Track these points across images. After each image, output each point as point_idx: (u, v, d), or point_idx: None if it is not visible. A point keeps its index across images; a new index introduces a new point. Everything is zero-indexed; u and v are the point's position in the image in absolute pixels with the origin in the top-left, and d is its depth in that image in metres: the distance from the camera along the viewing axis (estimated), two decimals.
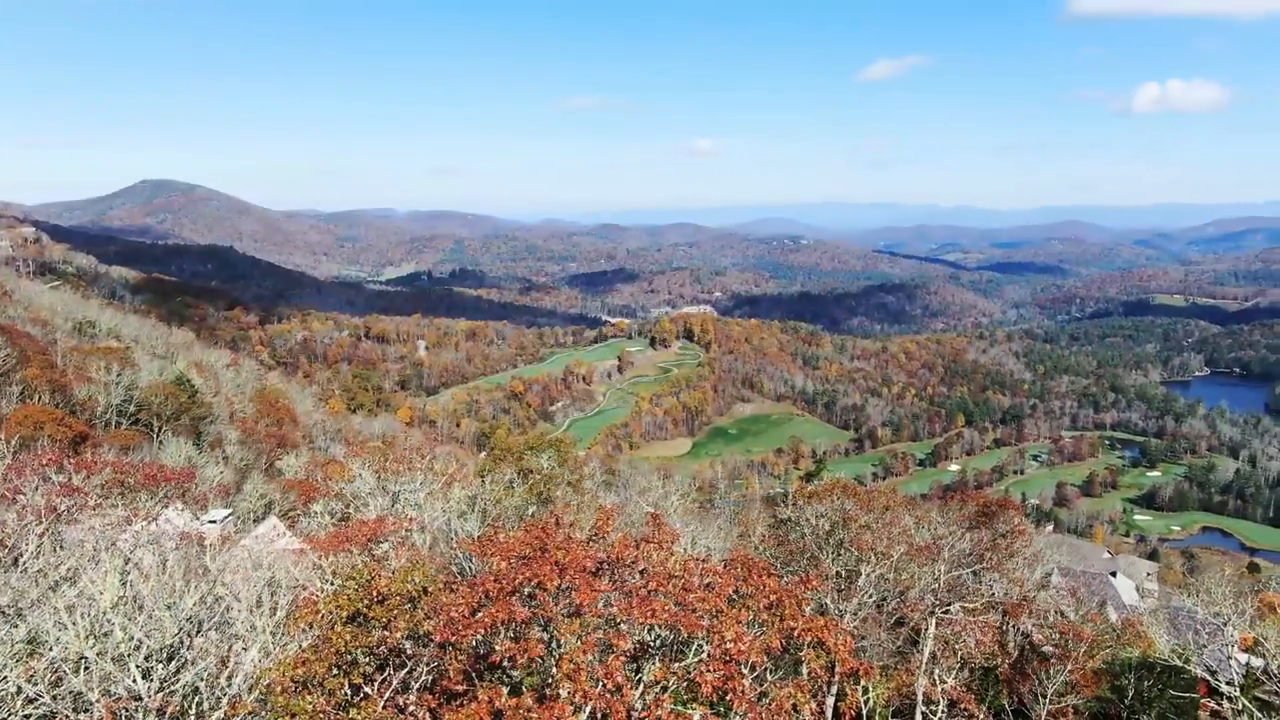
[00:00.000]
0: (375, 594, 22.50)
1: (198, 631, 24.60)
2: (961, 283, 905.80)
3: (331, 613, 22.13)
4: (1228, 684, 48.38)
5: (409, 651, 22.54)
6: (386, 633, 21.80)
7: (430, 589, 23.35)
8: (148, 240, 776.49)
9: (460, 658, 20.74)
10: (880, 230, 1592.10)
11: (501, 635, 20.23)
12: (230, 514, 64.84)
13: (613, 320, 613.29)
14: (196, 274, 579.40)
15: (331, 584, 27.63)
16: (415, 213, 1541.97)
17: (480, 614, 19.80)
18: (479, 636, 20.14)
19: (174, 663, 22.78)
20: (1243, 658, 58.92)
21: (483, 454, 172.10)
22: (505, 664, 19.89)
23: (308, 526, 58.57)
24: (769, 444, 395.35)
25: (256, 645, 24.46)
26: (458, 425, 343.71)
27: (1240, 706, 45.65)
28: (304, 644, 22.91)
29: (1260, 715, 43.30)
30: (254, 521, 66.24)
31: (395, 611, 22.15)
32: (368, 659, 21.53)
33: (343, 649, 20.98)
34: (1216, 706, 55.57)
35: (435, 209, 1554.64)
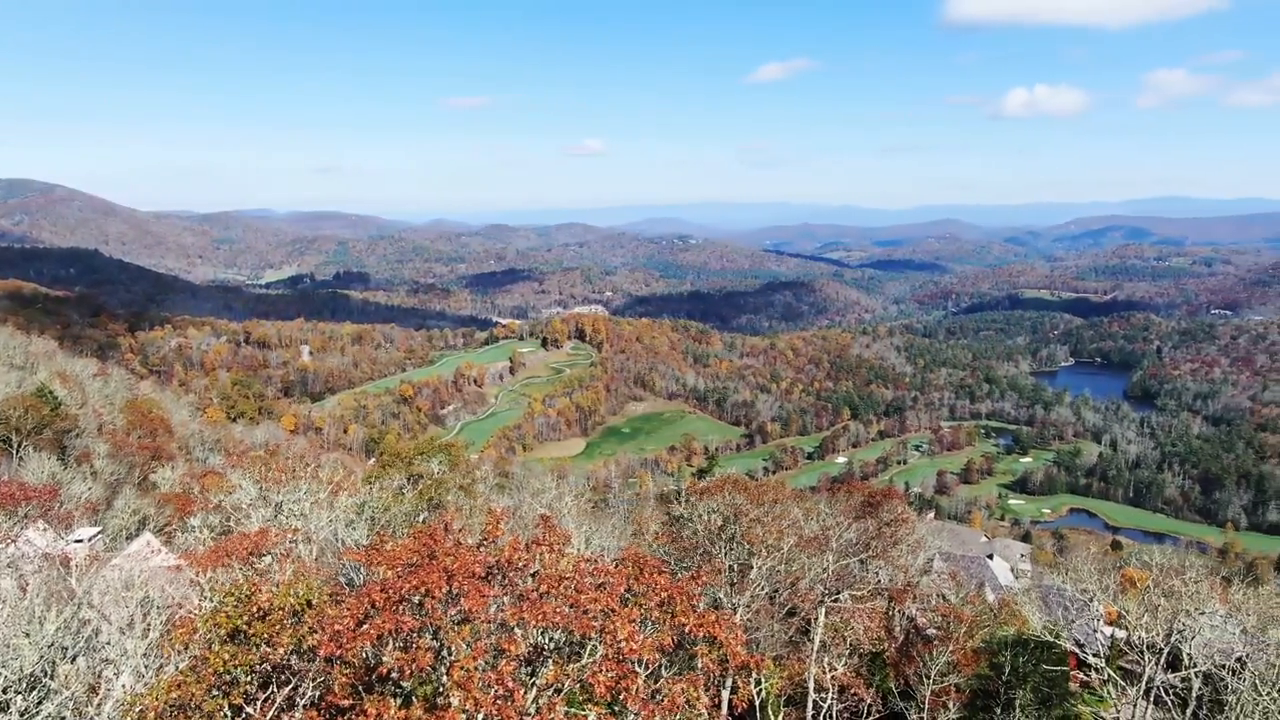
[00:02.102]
0: (257, 609, 21.65)
1: (64, 658, 23.23)
2: (845, 280, 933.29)
3: (210, 631, 21.22)
4: (1094, 656, 51.28)
5: (294, 667, 21.77)
6: (269, 649, 21.01)
7: (315, 602, 22.62)
8: (2, 243, 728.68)
9: (347, 671, 20.15)
10: (767, 229, 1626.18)
11: (390, 646, 19.76)
12: (99, 532, 61.38)
13: (504, 321, 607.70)
14: (58, 279, 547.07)
15: (210, 601, 26.49)
16: (296, 213, 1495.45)
17: (366, 625, 19.31)
18: (366, 648, 19.64)
19: (35, 693, 21.45)
20: (1107, 630, 62.58)
21: (371, 460, 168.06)
22: (394, 675, 19.44)
23: (185, 542, 56.01)
24: (662, 442, 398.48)
25: (129, 669, 23.28)
26: (345, 431, 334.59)
27: (1106, 676, 48.44)
28: (180, 665, 21.91)
29: (1123, 683, 46.01)
30: (126, 539, 62.93)
31: (278, 627, 21.37)
32: (249, 678, 20.71)
33: (222, 669, 20.13)
34: (1085, 677, 58.83)
35: (317, 209, 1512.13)
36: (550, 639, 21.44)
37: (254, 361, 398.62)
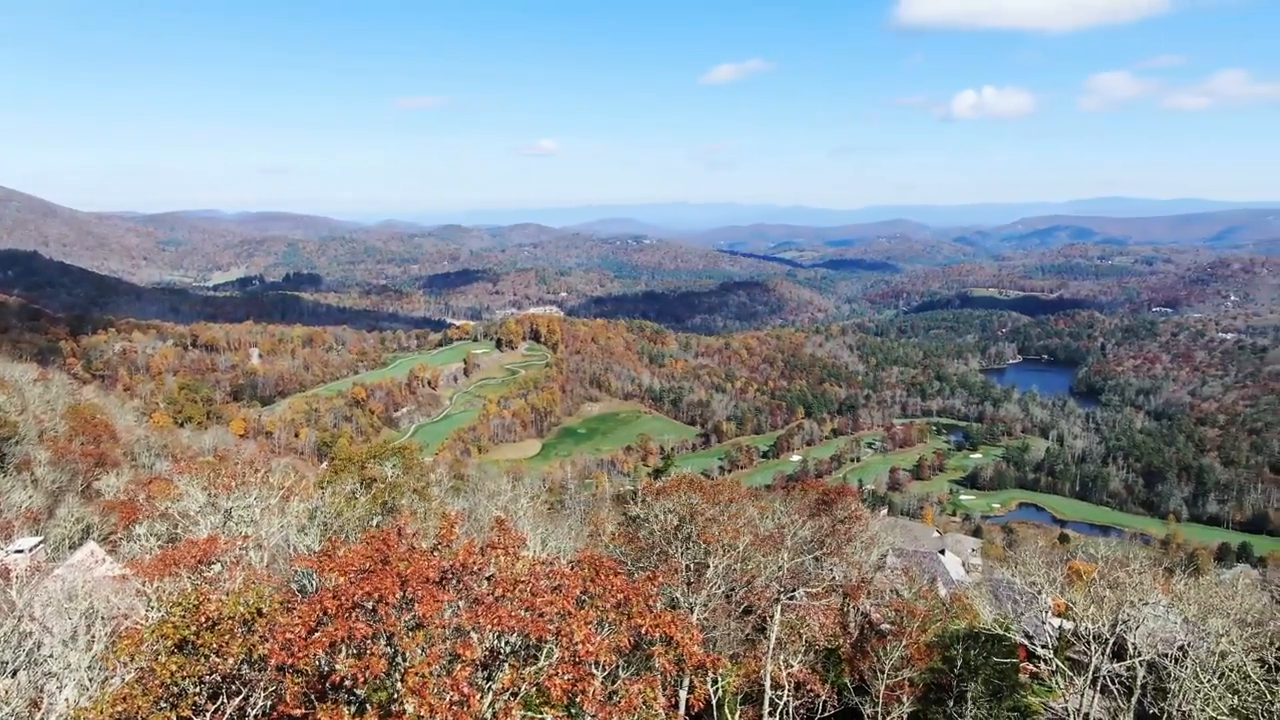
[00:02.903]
0: (205, 619, 21.22)
1: (3, 673, 22.59)
2: (798, 280, 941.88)
3: (156, 642, 20.75)
4: (1043, 647, 52.26)
5: (244, 677, 21.39)
6: (219, 659, 20.62)
7: (266, 610, 22.24)
8: None
9: (299, 680, 19.83)
10: (721, 230, 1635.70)
11: (343, 653, 19.49)
12: (41, 542, 59.74)
13: (458, 323, 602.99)
14: None
15: (157, 611, 25.93)
16: (244, 214, 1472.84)
17: (319, 633, 19.02)
18: (319, 656, 19.34)
19: None
20: (1055, 622, 63.85)
21: (323, 464, 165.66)
22: (348, 683, 19.18)
23: (130, 550, 54.70)
24: (618, 442, 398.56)
25: (72, 683, 22.70)
26: (296, 435, 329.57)
27: (1054, 667, 49.39)
28: (126, 678, 21.41)
29: (1070, 673, 46.99)
30: (69, 549, 61.35)
31: (228, 636, 20.98)
32: (198, 689, 20.31)
33: (169, 680, 19.71)
34: (1034, 668, 60.01)
35: (267, 210, 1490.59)
36: (506, 643, 21.32)
37: (202, 365, 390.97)
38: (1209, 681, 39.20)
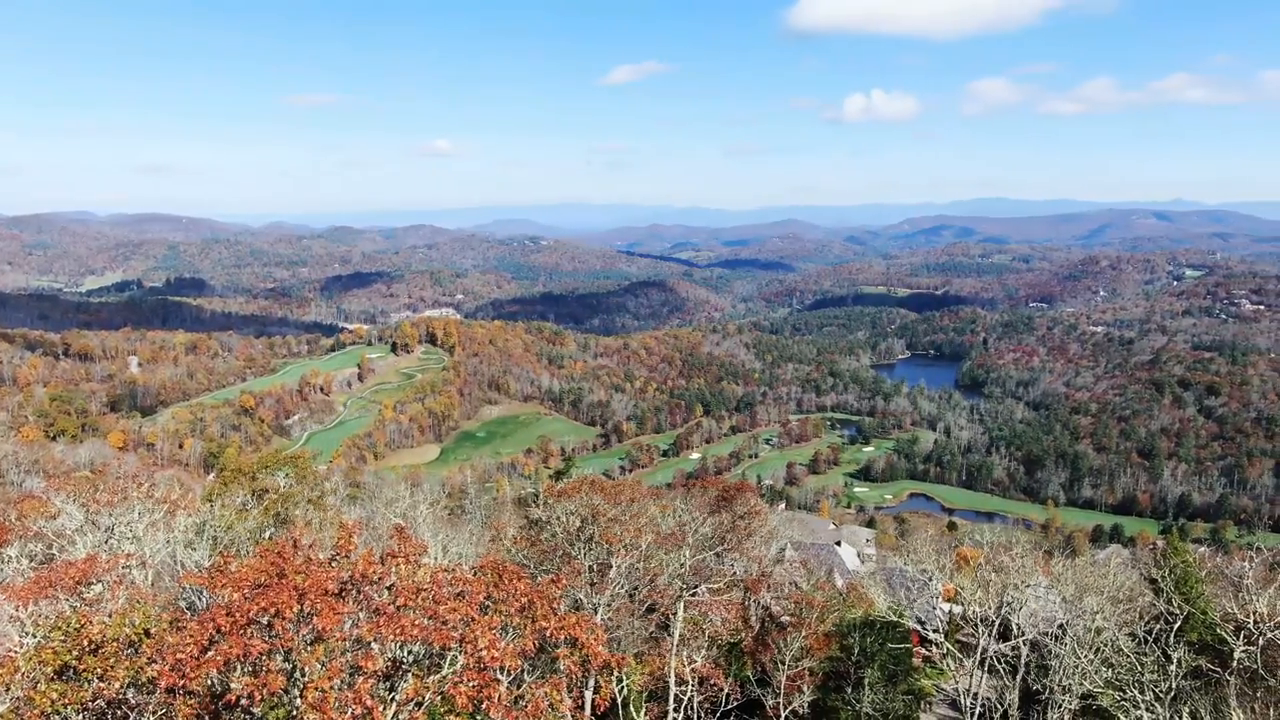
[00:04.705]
0: (87, 642, 20.29)
1: None
2: (695, 279, 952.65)
3: (35, 669, 19.73)
4: (934, 632, 54.30)
5: (131, 702, 20.53)
6: (103, 684, 19.74)
7: (154, 630, 21.40)
8: None
9: (192, 701, 19.15)
10: (618, 230, 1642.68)
11: (238, 672, 18.91)
12: None
13: (350, 327, 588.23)
14: None
15: (33, 636, 24.59)
16: (119, 215, 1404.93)
17: (212, 651, 18.40)
18: (212, 676, 18.72)
19: None
20: (945, 607, 66.40)
21: (211, 476, 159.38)
22: (244, 701, 18.60)
23: (1, 574, 51.62)
24: (518, 445, 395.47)
25: None
26: (181, 447, 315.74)
27: (945, 650, 51.39)
28: (1, 709, 20.27)
29: (960, 655, 48.98)
30: None
31: (112, 660, 20.09)
32: (81, 716, 19.40)
33: (50, 709, 18.79)
34: (927, 652, 62.23)
35: (144, 211, 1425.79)
36: (409, 652, 21.04)
37: (75, 375, 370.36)
38: (1085, 656, 41.46)
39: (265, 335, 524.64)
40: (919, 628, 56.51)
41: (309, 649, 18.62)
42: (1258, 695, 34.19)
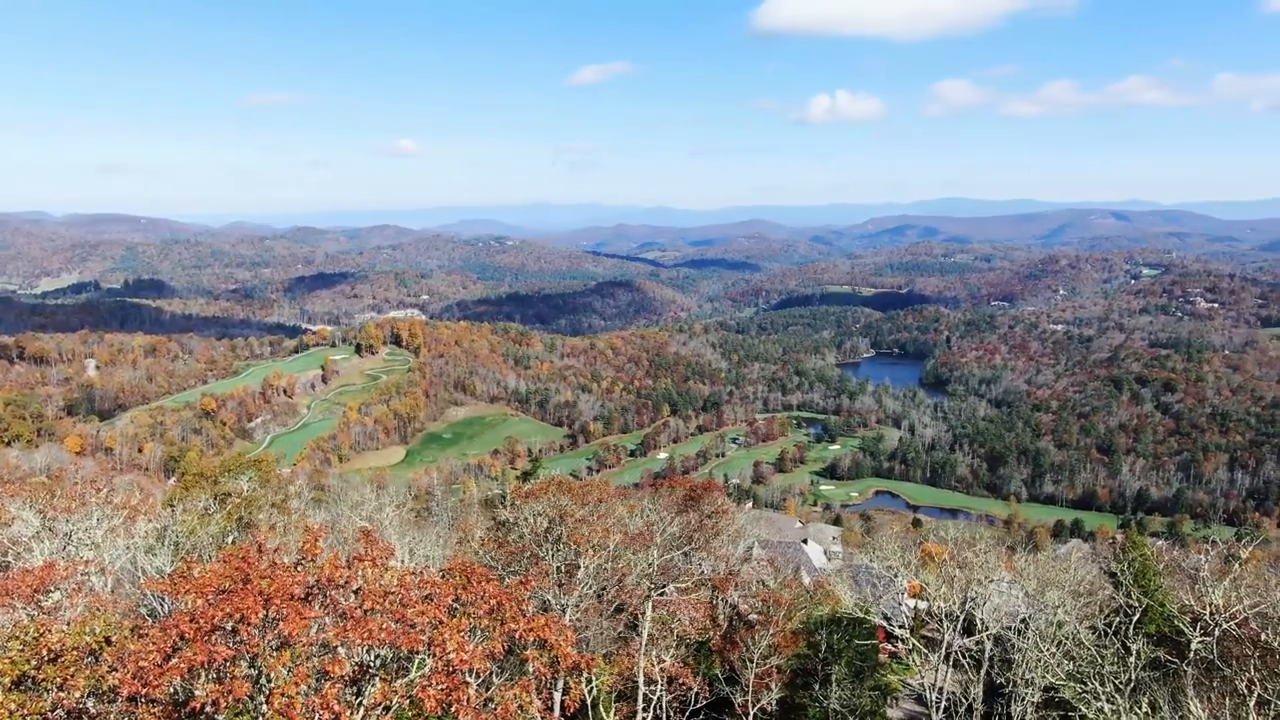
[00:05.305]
0: (46, 651, 19.93)
1: None
2: (661, 279, 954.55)
3: None
4: (900, 628, 54.89)
5: (92, 712, 20.19)
6: (62, 694, 19.40)
7: (115, 638, 21.07)
8: None
9: (155, 709, 18.87)
10: (584, 230, 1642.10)
11: (202, 679, 18.66)
12: None
13: (314, 328, 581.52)
14: None
15: None
16: (76, 216, 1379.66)
17: (175, 659, 18.14)
18: (176, 683, 18.46)
19: None
20: (911, 603, 67.09)
21: (172, 480, 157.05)
22: (209, 709, 18.37)
23: None
24: (485, 446, 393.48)
25: None
26: (140, 451, 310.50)
27: (911, 646, 51.99)
28: None
29: (925, 651, 49.54)
30: None
31: (72, 668, 19.76)
32: None
33: (8, 719, 18.42)
34: (893, 648, 62.87)
35: (101, 211, 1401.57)
36: (377, 656, 20.91)
37: (30, 379, 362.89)
38: (1048, 650, 42.09)
39: (227, 337, 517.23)
40: (885, 624, 57.10)
41: (275, 654, 18.43)
42: (1214, 685, 34.92)
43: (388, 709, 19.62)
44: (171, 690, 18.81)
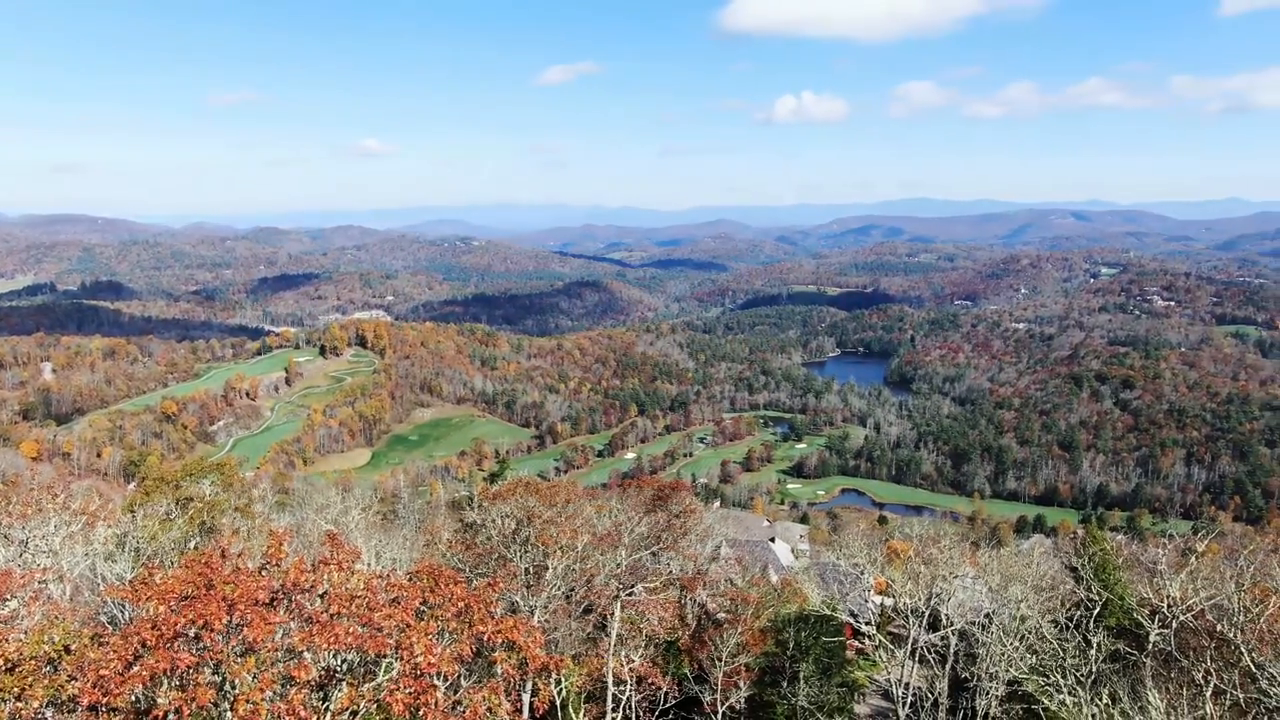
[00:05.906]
0: (2, 661, 19.53)
1: None
2: (628, 280, 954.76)
3: None
4: (867, 624, 55.39)
5: None
6: (20, 704, 19.00)
7: (74, 646, 20.68)
8: None
9: (116, 718, 18.59)
10: (551, 231, 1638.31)
11: (165, 686, 18.40)
12: None
13: (277, 330, 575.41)
14: None
15: None
16: (30, 216, 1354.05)
17: (137, 666, 17.88)
18: (138, 691, 18.19)
19: None
20: (877, 600, 67.74)
21: (132, 485, 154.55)
22: (172, 717, 18.13)
23: None
24: (452, 448, 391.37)
25: None
26: (99, 455, 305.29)
27: (877, 642, 52.46)
28: None
29: (891, 647, 50.00)
30: None
31: (30, 678, 19.36)
32: None
33: None
34: (859, 645, 63.39)
35: (57, 212, 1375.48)
36: (343, 660, 20.74)
37: None
38: (1011, 644, 42.69)
39: (188, 339, 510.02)
40: (852, 621, 57.57)
41: (240, 661, 18.23)
42: (1172, 676, 35.59)
43: (355, 714, 19.48)
44: (133, 699, 18.52)
